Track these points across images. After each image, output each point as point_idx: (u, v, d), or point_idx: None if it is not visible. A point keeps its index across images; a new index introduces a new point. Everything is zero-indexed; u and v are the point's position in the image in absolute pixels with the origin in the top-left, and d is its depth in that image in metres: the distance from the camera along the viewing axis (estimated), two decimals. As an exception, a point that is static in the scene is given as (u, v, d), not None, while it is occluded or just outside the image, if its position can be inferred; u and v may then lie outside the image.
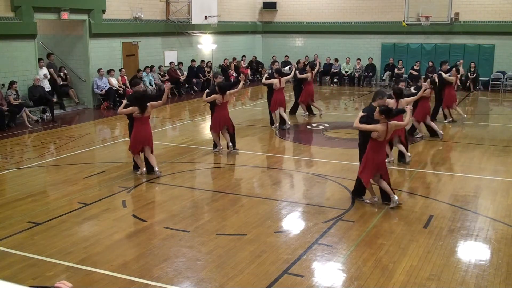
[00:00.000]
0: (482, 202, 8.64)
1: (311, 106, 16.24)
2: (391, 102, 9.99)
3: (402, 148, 10.72)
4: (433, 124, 13.12)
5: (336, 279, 6.06)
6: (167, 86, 10.32)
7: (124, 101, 9.91)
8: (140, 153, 9.91)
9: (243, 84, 12.12)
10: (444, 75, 14.68)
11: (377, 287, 5.83)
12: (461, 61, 16.72)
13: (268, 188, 9.52)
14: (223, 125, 11.49)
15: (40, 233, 7.26)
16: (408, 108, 8.73)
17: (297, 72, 15.51)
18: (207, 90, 11.64)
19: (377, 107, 8.11)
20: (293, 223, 7.81)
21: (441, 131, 13.15)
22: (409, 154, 10.83)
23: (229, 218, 7.90)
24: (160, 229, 7.44)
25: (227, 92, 11.30)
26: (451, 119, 15.26)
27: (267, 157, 11.74)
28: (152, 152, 9.92)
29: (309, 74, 15.59)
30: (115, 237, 7.13)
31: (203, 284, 5.89)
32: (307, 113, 16.21)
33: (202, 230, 7.38)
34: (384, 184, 8.27)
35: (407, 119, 8.55)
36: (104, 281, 5.93)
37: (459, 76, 15.17)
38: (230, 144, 11.63)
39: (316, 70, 16.68)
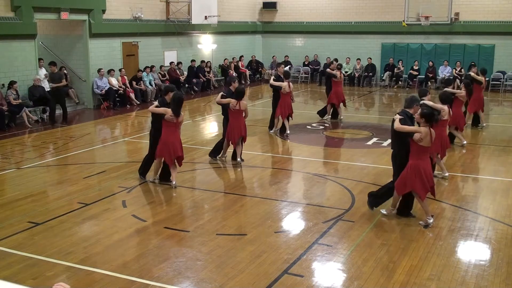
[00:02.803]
0: (482, 202, 8.65)
1: (337, 109, 15.83)
2: (446, 109, 9.36)
3: (441, 164, 9.85)
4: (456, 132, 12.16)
5: (336, 279, 6.06)
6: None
7: (155, 103, 9.28)
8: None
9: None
10: (472, 74, 14.10)
11: (377, 287, 5.84)
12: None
13: (268, 188, 9.52)
14: (239, 135, 10.61)
15: (40, 233, 7.26)
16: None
17: (328, 69, 15.90)
18: (221, 93, 10.80)
19: (420, 110, 7.34)
20: (293, 223, 7.81)
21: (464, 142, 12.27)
22: (447, 173, 9.89)
23: (229, 218, 7.90)
24: (160, 229, 7.44)
25: (242, 101, 10.51)
26: (484, 124, 14.48)
27: (267, 157, 11.74)
28: (180, 165, 9.35)
29: (338, 72, 15.62)
30: (115, 237, 7.13)
31: (203, 284, 5.89)
32: (330, 116, 15.83)
33: (202, 230, 7.38)
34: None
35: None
36: (104, 281, 5.93)
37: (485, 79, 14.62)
38: (239, 159, 10.77)
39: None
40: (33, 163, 10.96)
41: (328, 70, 15.91)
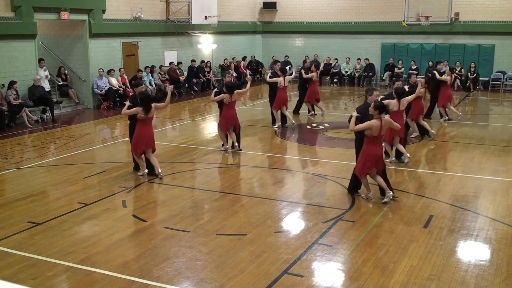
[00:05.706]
0: (482, 202, 8.65)
1: (314, 105, 16.37)
2: (393, 103, 10.17)
3: (401, 148, 10.73)
4: (424, 123, 12.97)
5: (336, 279, 6.06)
6: (169, 88, 10.18)
7: (127, 103, 9.72)
8: (142, 155, 9.79)
9: (250, 85, 12.45)
10: (437, 75, 14.87)
11: (377, 287, 5.83)
12: (457, 63, 16.50)
13: (268, 188, 9.52)
14: (231, 124, 11.61)
15: (40, 233, 7.26)
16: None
17: (303, 71, 15.98)
18: (215, 89, 11.81)
19: (372, 103, 8.24)
20: (293, 223, 7.81)
21: (432, 131, 13.11)
22: (408, 155, 10.84)
23: (229, 218, 7.90)
24: (160, 229, 7.44)
25: (235, 92, 11.42)
26: (446, 117, 15.37)
27: (267, 157, 11.74)
28: (153, 153, 9.89)
29: (314, 74, 15.82)
30: (115, 237, 7.13)
31: (203, 284, 5.89)
32: (313, 112, 16.34)
33: (202, 230, 7.38)
34: (380, 180, 8.45)
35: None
36: (104, 281, 5.93)
37: (453, 76, 15.25)
38: (236, 144, 11.82)
39: (320, 69, 16.73)
40: (33, 163, 10.96)
41: (304, 74, 15.76)
